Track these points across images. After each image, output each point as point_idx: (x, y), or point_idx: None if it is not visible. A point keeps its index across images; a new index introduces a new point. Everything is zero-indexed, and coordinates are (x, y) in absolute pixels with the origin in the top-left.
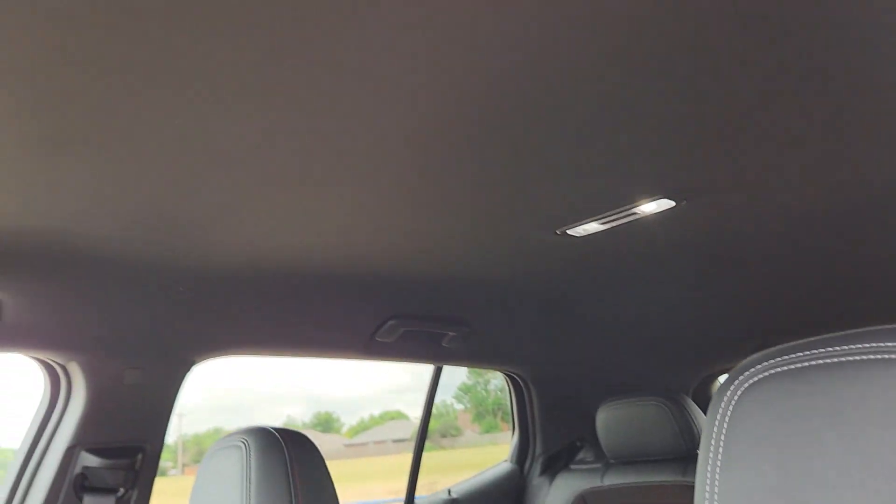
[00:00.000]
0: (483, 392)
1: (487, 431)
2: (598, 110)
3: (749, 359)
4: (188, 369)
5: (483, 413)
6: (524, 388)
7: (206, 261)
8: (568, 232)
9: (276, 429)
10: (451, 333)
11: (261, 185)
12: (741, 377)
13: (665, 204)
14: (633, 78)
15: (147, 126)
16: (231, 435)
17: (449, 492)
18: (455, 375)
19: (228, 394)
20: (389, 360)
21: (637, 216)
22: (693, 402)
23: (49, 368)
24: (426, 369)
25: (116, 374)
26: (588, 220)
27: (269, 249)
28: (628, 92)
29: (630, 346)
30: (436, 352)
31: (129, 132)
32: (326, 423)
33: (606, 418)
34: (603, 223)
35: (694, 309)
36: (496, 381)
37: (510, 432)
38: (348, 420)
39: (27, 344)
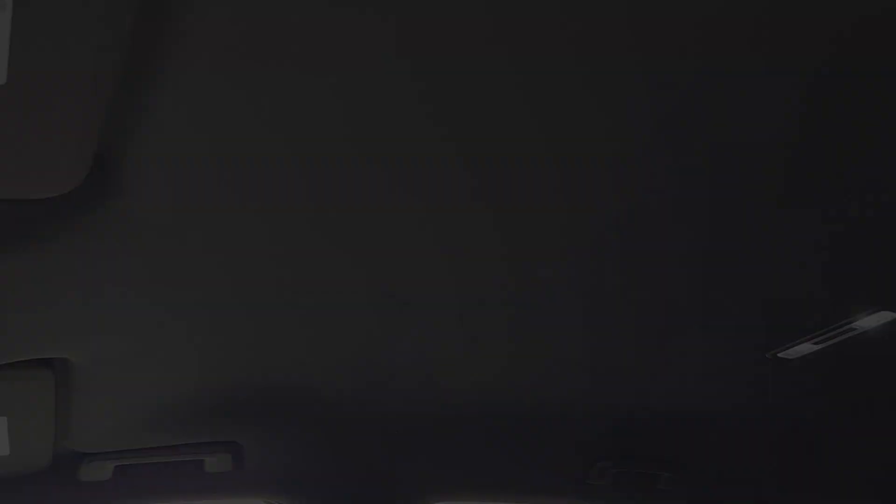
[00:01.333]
0: None
1: None
2: (806, 222)
3: None
4: None
5: None
6: None
7: (421, 406)
8: (779, 355)
9: None
10: (666, 474)
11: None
12: None
13: (887, 316)
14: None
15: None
16: None
17: None
18: None
19: None
20: None
21: (855, 332)
22: None
23: None
24: None
25: None
26: (800, 341)
27: (480, 391)
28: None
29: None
30: (653, 498)
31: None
32: None
33: None
34: (817, 343)
35: None
36: None
37: None
38: None
39: (267, 490)
